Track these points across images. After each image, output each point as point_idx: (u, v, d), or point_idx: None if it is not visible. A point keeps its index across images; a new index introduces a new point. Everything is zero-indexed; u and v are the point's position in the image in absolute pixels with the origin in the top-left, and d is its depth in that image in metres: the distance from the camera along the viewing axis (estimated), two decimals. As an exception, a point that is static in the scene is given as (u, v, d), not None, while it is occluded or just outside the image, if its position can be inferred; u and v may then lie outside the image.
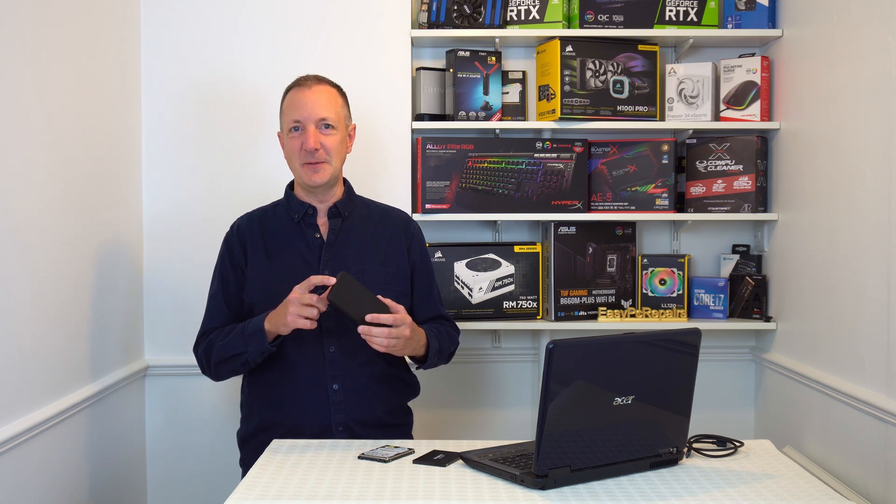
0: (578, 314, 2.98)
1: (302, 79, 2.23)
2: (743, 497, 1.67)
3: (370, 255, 2.24)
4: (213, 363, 2.18)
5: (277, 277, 2.18)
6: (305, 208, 2.23)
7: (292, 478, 1.77)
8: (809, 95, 2.66)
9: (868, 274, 2.25)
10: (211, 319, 2.24)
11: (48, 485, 2.17)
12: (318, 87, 2.20)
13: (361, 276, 2.20)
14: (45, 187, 2.14)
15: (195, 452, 2.90)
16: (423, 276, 2.32)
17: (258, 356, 2.11)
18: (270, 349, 2.10)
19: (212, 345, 2.18)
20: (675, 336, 1.87)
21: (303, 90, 2.19)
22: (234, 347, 2.12)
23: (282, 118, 2.24)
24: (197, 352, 2.24)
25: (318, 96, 2.18)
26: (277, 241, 2.23)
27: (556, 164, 2.95)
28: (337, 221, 2.24)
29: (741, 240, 3.11)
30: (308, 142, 2.15)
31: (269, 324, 2.08)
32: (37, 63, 2.10)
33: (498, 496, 1.67)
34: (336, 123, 2.18)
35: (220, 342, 2.15)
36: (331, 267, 2.19)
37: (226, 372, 2.20)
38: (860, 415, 2.27)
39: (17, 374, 2.00)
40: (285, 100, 2.23)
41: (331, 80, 2.24)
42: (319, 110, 2.16)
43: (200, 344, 2.23)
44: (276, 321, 2.06)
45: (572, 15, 2.95)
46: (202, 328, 2.25)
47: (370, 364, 2.19)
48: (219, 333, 2.19)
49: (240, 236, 2.25)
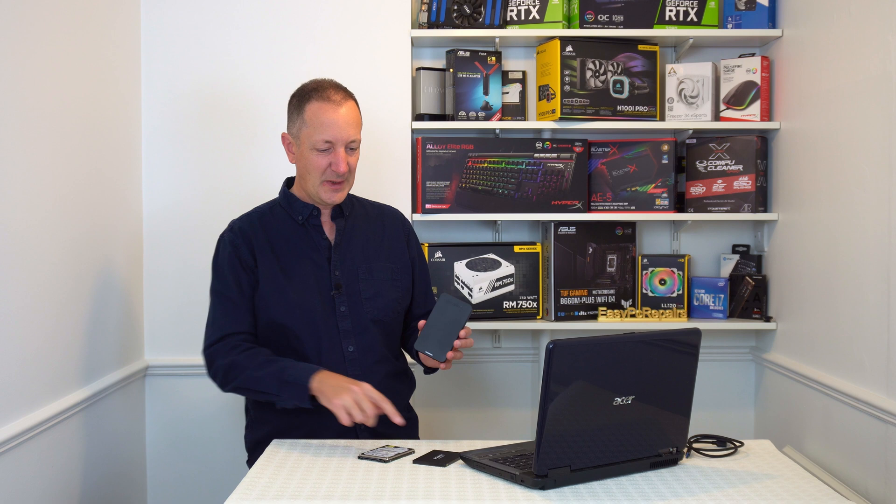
0: (578, 314, 2.98)
1: (324, 89, 2.14)
2: (743, 497, 1.67)
3: (375, 253, 2.25)
4: (233, 385, 2.09)
5: (289, 279, 2.17)
6: (310, 210, 2.21)
7: (292, 478, 1.77)
8: (809, 95, 2.66)
9: (868, 274, 2.25)
10: (229, 322, 2.14)
11: (48, 485, 2.16)
12: (347, 104, 2.14)
13: (369, 275, 2.21)
14: (45, 187, 2.14)
15: (195, 453, 2.90)
16: (422, 272, 2.35)
17: (290, 404, 2.04)
18: (307, 406, 2.01)
19: (238, 367, 2.08)
20: (675, 336, 1.87)
21: (333, 107, 2.11)
22: (266, 387, 2.04)
23: (303, 131, 2.13)
24: (214, 360, 2.13)
25: (348, 116, 2.13)
26: (284, 243, 2.20)
27: (556, 164, 2.95)
28: (341, 222, 2.24)
29: (741, 240, 3.11)
30: (340, 166, 2.11)
31: (318, 383, 1.98)
32: (37, 64, 2.10)
33: (498, 496, 1.67)
34: (358, 143, 2.18)
35: (252, 372, 2.05)
36: (340, 268, 2.20)
37: (241, 394, 2.14)
38: (860, 415, 2.27)
39: (16, 374, 1.99)
40: (308, 111, 2.12)
41: (348, 90, 2.19)
42: (351, 132, 2.13)
43: (221, 353, 2.11)
44: (326, 390, 1.97)
45: (572, 15, 2.95)
46: (220, 330, 2.14)
47: (383, 361, 2.21)
48: (249, 356, 2.08)
49: (244, 237, 2.19)
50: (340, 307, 2.18)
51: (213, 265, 2.23)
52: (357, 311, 2.19)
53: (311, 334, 2.15)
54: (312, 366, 2.05)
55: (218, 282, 2.19)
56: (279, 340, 2.17)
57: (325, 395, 1.96)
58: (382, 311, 2.21)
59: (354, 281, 2.21)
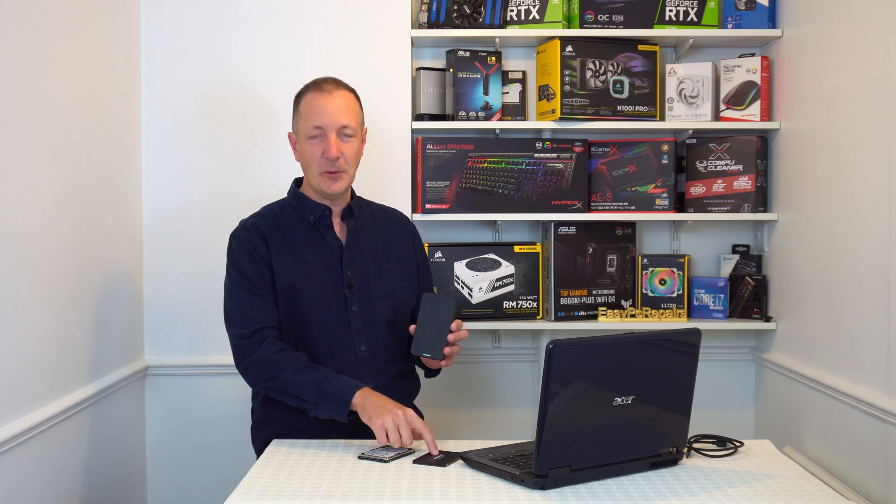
0: (578, 314, 2.98)
1: (320, 82, 2.18)
2: (743, 497, 1.67)
3: (384, 255, 2.26)
4: (268, 384, 2.07)
5: (303, 277, 2.16)
6: (321, 210, 2.21)
7: (292, 478, 1.77)
8: (809, 95, 2.66)
9: (868, 274, 2.25)
10: (260, 315, 2.11)
11: (48, 485, 2.16)
12: (339, 92, 2.16)
13: (379, 275, 2.22)
14: (46, 188, 2.14)
15: (195, 453, 2.90)
16: (426, 274, 2.37)
17: (325, 415, 2.02)
18: (342, 420, 1.99)
19: (275, 367, 2.06)
20: (675, 336, 1.87)
21: (323, 95, 2.15)
22: (305, 393, 2.02)
23: (299, 122, 2.18)
24: (249, 353, 2.09)
25: (339, 102, 2.14)
26: (297, 242, 2.19)
27: (556, 164, 2.95)
28: (351, 222, 2.24)
29: (741, 240, 3.11)
30: (330, 150, 2.12)
31: (361, 399, 1.96)
32: (37, 64, 2.10)
33: (498, 496, 1.67)
34: (355, 131, 2.17)
35: (290, 375, 2.04)
36: (352, 268, 2.20)
37: (274, 395, 2.10)
38: (860, 415, 2.27)
39: (17, 374, 2.00)
40: (303, 103, 2.18)
41: (347, 84, 2.21)
42: (341, 117, 2.14)
43: (256, 347, 2.08)
44: (369, 408, 1.95)
45: (572, 15, 2.95)
46: (252, 323, 2.10)
47: (393, 362, 2.22)
48: (288, 358, 2.07)
49: (259, 234, 2.17)
50: (352, 306, 2.18)
51: (229, 262, 2.19)
52: (368, 311, 2.19)
53: (324, 333, 2.16)
54: (354, 381, 2.03)
55: (239, 276, 2.15)
56: (291, 338, 2.16)
57: (368, 414, 1.95)
58: (393, 310, 2.22)
59: (365, 281, 2.21)
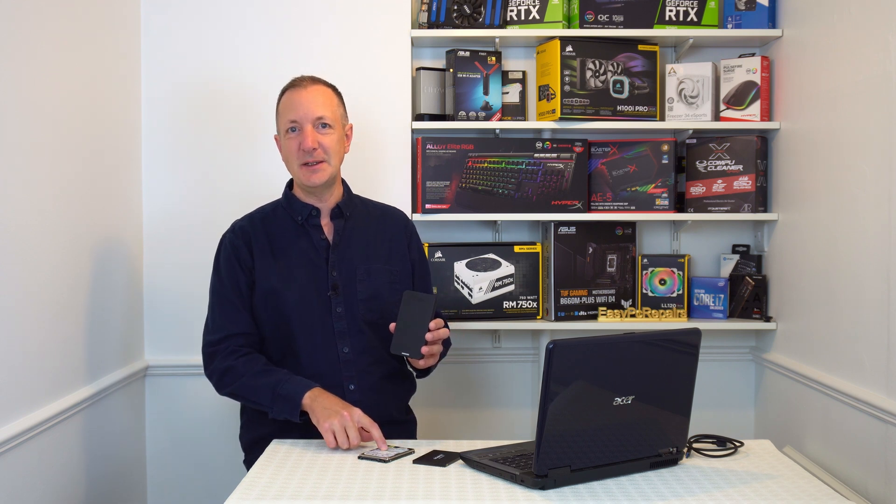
0: (578, 314, 2.98)
1: (297, 80, 2.22)
2: (743, 497, 1.67)
3: (374, 255, 2.25)
4: (227, 390, 2.13)
5: (285, 281, 2.17)
6: (309, 210, 2.22)
7: (292, 478, 1.77)
8: (809, 95, 2.66)
9: (868, 274, 2.25)
10: (229, 323, 2.16)
11: (48, 485, 2.16)
12: (314, 86, 2.19)
13: (367, 276, 2.21)
14: (45, 187, 2.14)
15: (195, 453, 2.90)
16: (422, 274, 2.35)
17: (281, 417, 2.05)
18: (296, 421, 2.03)
19: (234, 373, 2.11)
20: (675, 336, 1.86)
21: (298, 90, 2.18)
22: (260, 397, 2.07)
23: (278, 120, 2.23)
24: (212, 361, 2.16)
25: (314, 96, 2.17)
26: (283, 244, 2.21)
27: (556, 164, 2.95)
28: (340, 222, 2.24)
29: (741, 240, 3.11)
30: (306, 141, 2.14)
31: (309, 401, 2.00)
32: (37, 65, 2.10)
33: (498, 496, 1.67)
34: (333, 122, 2.18)
35: (247, 380, 2.09)
36: (338, 268, 2.20)
37: (235, 399, 2.16)
38: (860, 415, 2.27)
39: (16, 374, 2.00)
40: (281, 101, 2.22)
41: (325, 80, 2.24)
42: (316, 109, 2.16)
43: (219, 355, 2.14)
44: (317, 409, 1.98)
45: (572, 15, 2.95)
46: (220, 331, 2.16)
47: (380, 363, 2.21)
48: (247, 363, 2.11)
49: (244, 238, 2.21)
50: (336, 308, 2.18)
51: (214, 265, 2.25)
52: (352, 313, 2.19)
53: (307, 335, 2.16)
54: (307, 381, 2.05)
55: (218, 282, 2.21)
56: (275, 340, 2.18)
57: (315, 415, 1.98)
58: (377, 313, 2.20)
59: (352, 282, 2.20)
